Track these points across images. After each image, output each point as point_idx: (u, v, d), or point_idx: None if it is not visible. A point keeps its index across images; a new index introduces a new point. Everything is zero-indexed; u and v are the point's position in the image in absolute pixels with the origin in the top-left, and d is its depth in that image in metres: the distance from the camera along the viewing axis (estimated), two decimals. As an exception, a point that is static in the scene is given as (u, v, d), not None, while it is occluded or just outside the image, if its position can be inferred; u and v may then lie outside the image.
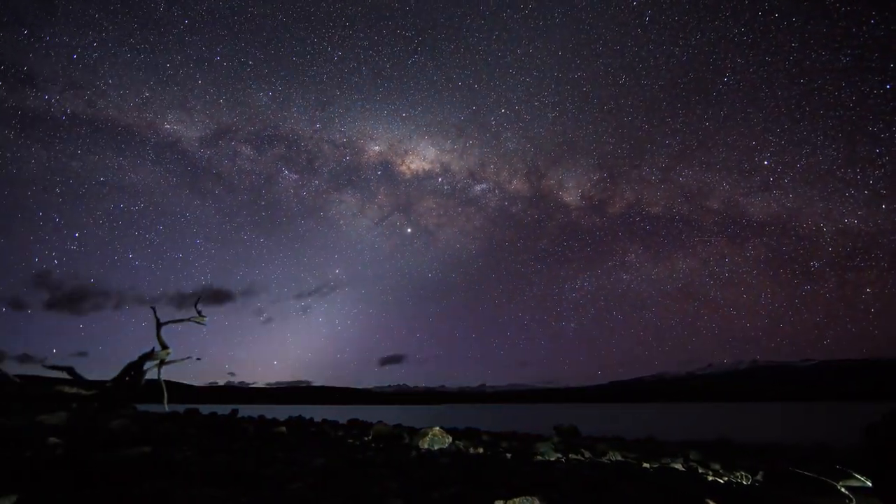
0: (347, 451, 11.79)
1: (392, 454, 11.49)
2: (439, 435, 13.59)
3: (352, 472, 8.11)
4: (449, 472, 8.52)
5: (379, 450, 12.81)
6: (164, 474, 7.07)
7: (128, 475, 6.71)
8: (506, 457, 12.10)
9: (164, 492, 5.27)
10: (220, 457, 9.14)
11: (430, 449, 13.00)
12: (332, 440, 15.42)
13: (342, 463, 8.64)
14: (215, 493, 5.63)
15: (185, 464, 7.86)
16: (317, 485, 6.80)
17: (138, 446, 8.72)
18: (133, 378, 2.98)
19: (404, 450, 12.83)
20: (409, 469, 8.91)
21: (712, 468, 11.59)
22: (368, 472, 8.36)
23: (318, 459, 8.97)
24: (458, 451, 12.84)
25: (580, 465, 11.06)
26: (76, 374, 2.80)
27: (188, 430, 12.99)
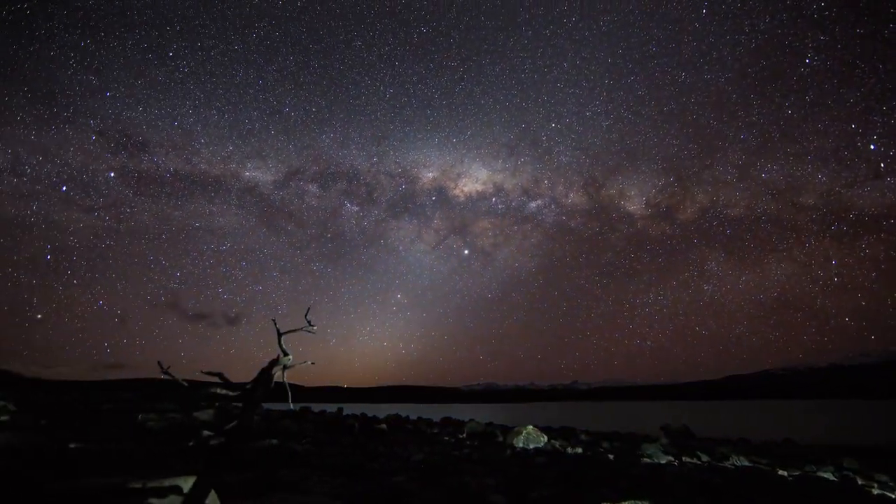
0: (444, 448, 12.20)
1: (486, 451, 11.59)
2: (534, 433, 13.33)
3: (450, 467, 8.36)
4: (546, 472, 8.31)
5: (473, 447, 13.02)
6: (292, 463, 8.07)
7: (266, 463, 7.81)
8: (608, 458, 11.41)
9: (302, 478, 6.02)
10: (332, 449, 10.14)
11: (524, 447, 12.83)
12: (428, 437, 16.08)
13: (440, 458, 8.96)
14: (333, 481, 6.26)
15: (306, 455, 8.87)
16: (418, 478, 7.16)
17: (268, 439, 10.08)
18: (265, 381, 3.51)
19: (498, 447, 12.85)
20: (505, 467, 8.89)
21: (878, 480, 9.51)
22: (465, 467, 8.55)
23: (417, 454, 9.43)
24: (554, 450, 12.47)
25: (696, 469, 9.94)
26: (225, 378, 3.40)
27: (304, 425, 14.64)
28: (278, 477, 6.07)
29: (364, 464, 8.05)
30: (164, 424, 11.58)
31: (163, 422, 11.90)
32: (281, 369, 3.72)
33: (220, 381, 3.41)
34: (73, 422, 10.97)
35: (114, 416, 13.46)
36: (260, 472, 6.73)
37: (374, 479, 6.92)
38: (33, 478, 5.39)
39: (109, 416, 13.17)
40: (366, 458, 8.80)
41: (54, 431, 8.70)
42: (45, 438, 7.11)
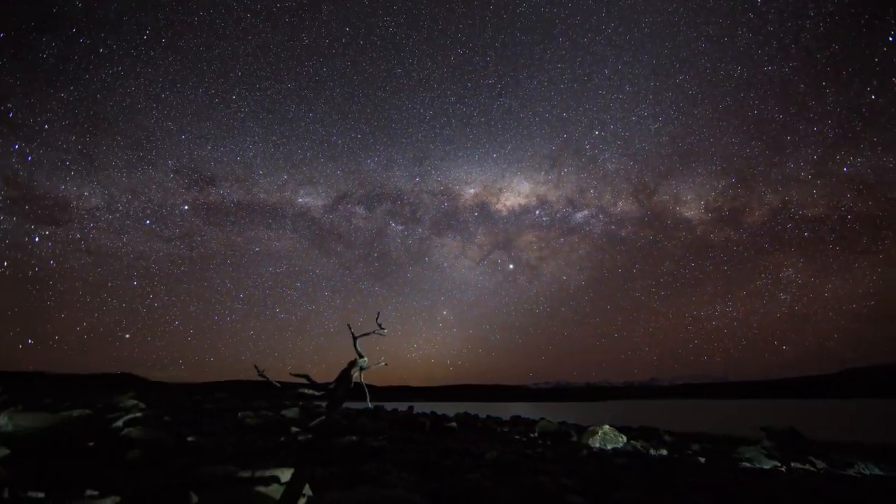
0: (516, 446, 12.07)
1: (560, 451, 11.25)
2: (611, 433, 12.66)
3: (523, 465, 8.26)
4: (627, 473, 7.85)
5: (546, 446, 12.71)
6: (372, 458, 8.54)
7: (348, 458, 8.36)
8: (698, 461, 10.47)
9: (383, 472, 6.37)
10: (406, 446, 10.54)
11: (601, 447, 12.24)
12: (499, 435, 16.02)
13: (513, 457, 8.88)
14: (412, 477, 6.51)
15: (383, 451, 9.33)
16: (492, 476, 7.17)
17: (349, 436, 10.75)
18: (345, 381, 3.82)
19: (573, 447, 12.40)
20: (582, 467, 8.56)
21: None
22: (539, 466, 8.38)
23: (489, 453, 9.44)
24: (635, 451, 11.74)
25: (810, 476, 8.73)
26: (310, 379, 3.77)
27: (379, 423, 15.37)
28: (361, 471, 6.46)
29: (438, 461, 8.26)
30: (259, 421, 12.89)
31: (257, 419, 13.26)
32: (358, 371, 3.97)
33: (307, 381, 3.73)
34: (188, 418, 12.64)
35: (217, 413, 15.27)
36: (344, 467, 7.21)
37: (449, 475, 7.07)
38: (173, 463, 6.33)
39: (213, 414, 14.95)
40: (439, 456, 9.01)
41: (175, 426, 10.10)
42: (170, 432, 8.28)
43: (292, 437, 10.34)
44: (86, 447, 7.36)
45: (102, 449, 7.24)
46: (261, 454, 8.19)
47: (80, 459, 6.38)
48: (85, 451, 7.15)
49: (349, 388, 3.85)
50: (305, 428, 11.73)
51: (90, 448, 7.31)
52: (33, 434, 7.30)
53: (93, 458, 6.62)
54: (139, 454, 6.63)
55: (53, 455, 6.57)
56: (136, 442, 7.23)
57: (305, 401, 20.42)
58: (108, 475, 5.21)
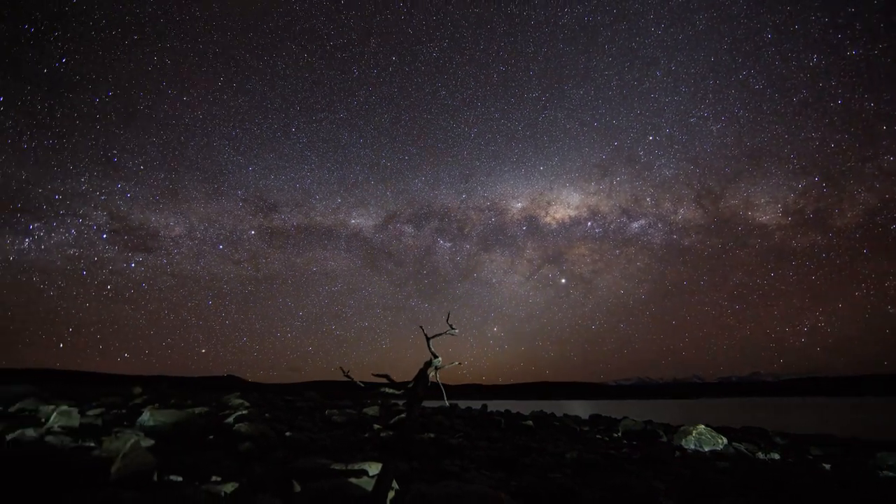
0: (598, 446, 11.51)
1: (648, 452, 10.49)
2: (707, 434, 11.50)
3: (609, 466, 7.85)
4: (730, 479, 7.06)
5: (632, 446, 11.93)
6: (450, 455, 8.72)
7: (428, 454, 8.64)
8: (822, 468, 9.08)
9: (463, 469, 6.50)
10: (482, 444, 10.59)
11: (697, 449, 11.18)
12: (579, 434, 15.39)
13: (596, 457, 8.48)
14: (492, 474, 6.53)
15: (460, 448, 9.48)
16: (576, 475, 6.92)
17: (426, 433, 11.10)
18: (423, 381, 3.99)
19: (663, 448, 11.49)
20: (675, 470, 7.90)
21: None
22: (626, 468, 7.90)
23: (570, 452, 9.12)
24: (739, 454, 10.53)
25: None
26: (391, 379, 4.01)
27: (454, 421, 15.64)
28: (442, 467, 6.64)
29: (517, 458, 8.18)
30: (344, 418, 13.85)
31: (342, 416, 14.25)
32: (434, 370, 4.10)
33: (387, 381, 3.94)
34: (284, 415, 13.98)
35: (307, 411, 16.67)
36: (425, 462, 7.46)
37: (529, 474, 6.96)
38: (276, 455, 7.09)
39: (304, 411, 16.34)
40: (517, 453, 8.92)
41: (274, 423, 11.24)
42: (271, 428, 9.23)
43: (375, 434, 10.94)
44: (207, 439, 8.51)
45: (220, 441, 8.32)
46: (349, 449, 8.80)
47: (204, 450, 7.39)
48: (206, 442, 8.27)
49: (426, 386, 3.98)
50: (386, 425, 12.34)
51: (210, 440, 8.44)
52: (167, 427, 8.63)
53: (213, 448, 7.63)
54: (249, 446, 7.49)
55: (183, 445, 7.70)
56: (246, 436, 8.18)
57: (384, 399, 21.47)
58: (227, 464, 5.97)
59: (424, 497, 3.43)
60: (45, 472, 4.02)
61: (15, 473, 3.91)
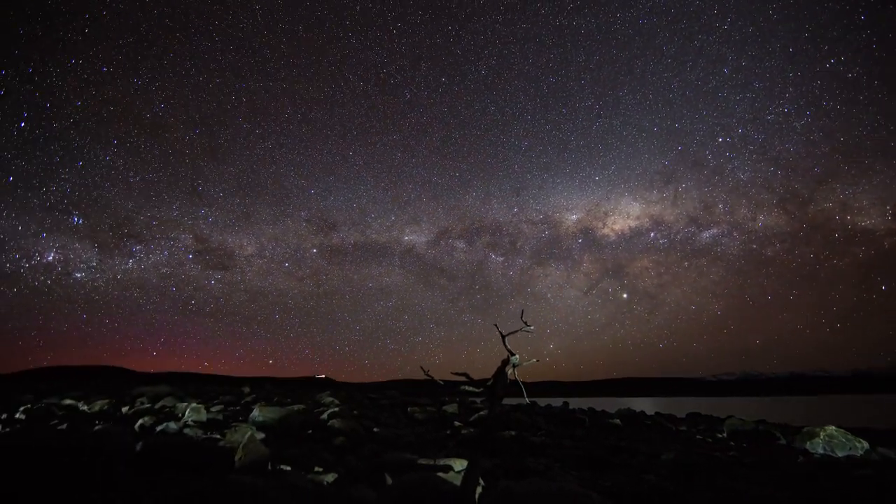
0: (699, 447, 10.45)
1: (763, 455, 9.26)
2: (840, 436, 9.82)
3: (714, 470, 7.10)
4: (876, 490, 5.94)
5: (741, 449, 10.62)
6: (533, 453, 8.59)
7: (510, 451, 8.60)
8: None
9: (547, 467, 6.38)
10: (566, 442, 10.22)
11: (828, 454, 9.60)
12: (674, 434, 14.13)
13: (699, 459, 7.72)
14: (579, 473, 6.30)
15: (543, 446, 9.27)
16: (675, 478, 6.36)
17: (508, 431, 11.04)
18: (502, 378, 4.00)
19: (780, 452, 10.05)
20: (799, 477, 6.87)
21: None
22: (736, 472, 7.07)
23: (666, 453, 8.43)
24: (886, 461, 8.83)
25: None
26: (469, 378, 4.10)
27: (535, 419, 15.33)
28: (525, 465, 6.56)
29: (606, 458, 7.77)
30: (425, 416, 14.34)
31: (423, 413, 14.78)
32: (511, 368, 4.08)
33: (466, 379, 4.01)
34: (369, 412, 14.90)
35: (390, 408, 17.56)
36: (508, 460, 7.43)
37: (620, 474, 6.57)
38: (366, 449, 7.62)
39: (387, 408, 17.23)
40: (606, 453, 8.47)
41: (362, 419, 12.05)
42: (360, 424, 9.91)
43: (456, 431, 11.17)
44: (306, 434, 9.42)
45: (317, 435, 9.14)
46: (432, 445, 9.10)
47: (305, 443, 8.18)
48: (306, 436, 9.15)
49: (506, 384, 3.97)
50: (467, 422, 12.53)
51: (309, 434, 9.32)
52: (273, 423, 9.71)
53: (312, 442, 8.42)
54: (343, 441, 8.13)
55: (287, 438, 8.61)
56: (339, 431, 8.89)
57: (463, 397, 21.81)
58: (325, 456, 6.55)
59: (512, 494, 3.42)
60: (188, 457, 4.78)
61: (169, 457, 4.72)
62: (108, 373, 50.47)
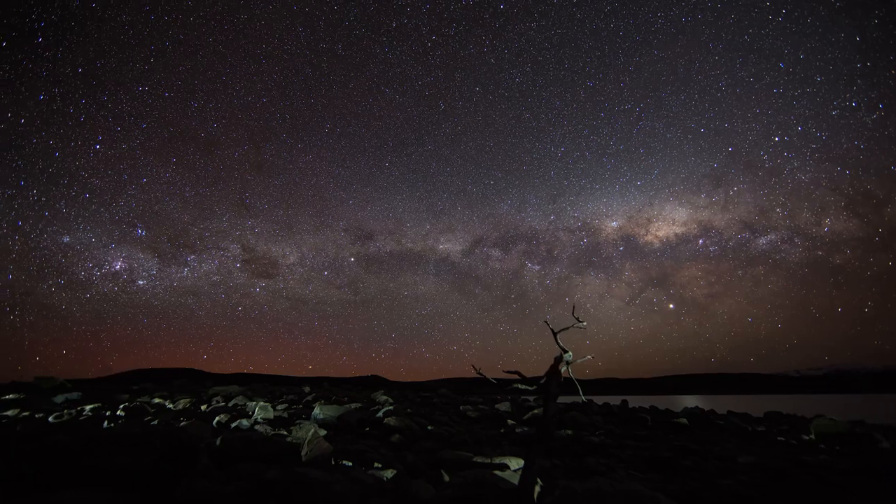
0: (781, 450, 9.47)
1: (862, 461, 8.20)
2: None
3: (800, 475, 6.40)
4: None
5: (836, 453, 9.48)
6: (593, 453, 8.27)
7: (569, 451, 8.35)
8: None
9: (609, 468, 6.13)
10: (628, 442, 9.72)
11: (945, 460, 8.29)
12: (752, 435, 12.95)
13: (784, 464, 7.01)
14: (644, 475, 5.96)
15: (604, 446, 8.88)
16: (753, 483, 5.82)
17: (563, 430, 10.73)
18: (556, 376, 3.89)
19: (885, 457, 8.84)
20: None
21: None
22: (829, 479, 6.32)
23: (744, 456, 7.74)
24: None
25: None
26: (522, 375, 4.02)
27: (593, 417, 14.75)
28: (585, 465, 6.33)
29: (673, 460, 7.29)
30: (478, 414, 14.33)
31: (476, 412, 14.77)
32: (565, 365, 3.95)
33: (519, 377, 3.95)
34: (423, 410, 15.16)
35: (442, 406, 17.74)
36: (566, 459, 7.22)
37: (690, 477, 6.13)
38: (422, 446, 7.78)
39: (440, 407, 17.42)
40: (674, 454, 7.95)
41: (416, 417, 12.29)
42: (414, 421, 10.11)
43: (510, 429, 11.05)
44: (363, 430, 9.78)
45: (374, 432, 9.46)
46: (486, 443, 9.07)
47: (363, 439, 8.50)
48: (363, 433, 9.50)
49: (560, 382, 3.86)
50: (521, 420, 12.35)
51: (366, 431, 9.68)
52: (333, 420, 10.19)
53: (370, 438, 8.73)
54: (399, 438, 8.34)
55: (347, 435, 8.99)
56: (395, 429, 9.13)
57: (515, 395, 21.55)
58: (383, 452, 6.76)
59: (573, 494, 3.31)
60: (260, 451, 5.16)
61: (243, 451, 5.13)
62: (186, 374, 56.02)
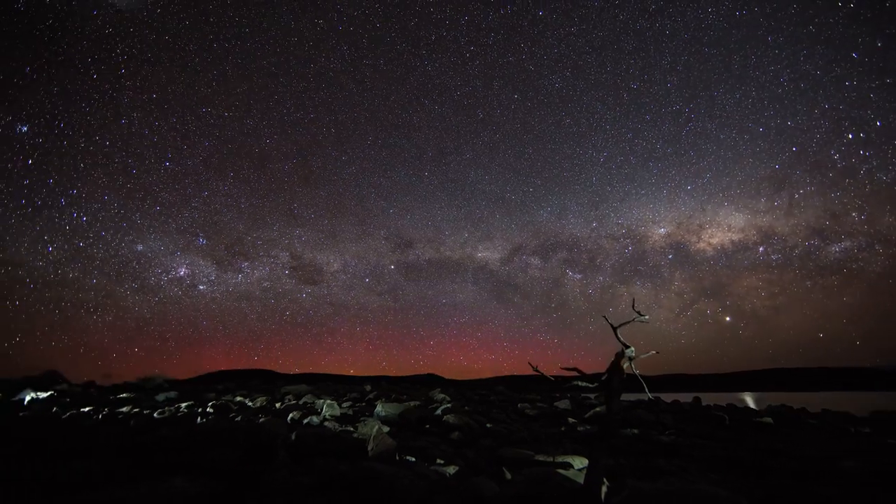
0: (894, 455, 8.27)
1: None
2: None
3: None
4: None
5: (965, 458, 8.08)
6: (662, 453, 7.81)
7: (636, 451, 7.97)
8: None
9: (681, 469, 5.79)
10: (703, 442, 9.03)
11: None
12: (854, 437, 11.44)
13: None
14: (725, 478, 5.53)
15: (673, 447, 8.35)
16: (861, 492, 5.15)
17: (629, 429, 10.24)
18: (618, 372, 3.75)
19: None
20: None
21: None
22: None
23: (846, 460, 6.89)
24: None
25: None
26: (581, 372, 3.93)
27: (661, 416, 13.89)
28: (655, 465, 6.00)
29: (757, 462, 6.67)
30: (537, 412, 14.10)
31: (534, 409, 14.54)
32: (628, 361, 3.79)
33: (578, 374, 3.85)
34: (480, 408, 15.23)
35: (500, 404, 17.66)
36: (633, 459, 6.89)
37: (779, 483, 5.58)
38: (481, 444, 7.85)
39: (497, 404, 17.36)
40: (758, 457, 7.27)
41: (474, 415, 12.38)
42: (472, 419, 10.20)
43: (571, 427, 10.75)
44: (423, 428, 10.05)
45: (434, 430, 9.69)
46: (547, 441, 8.91)
47: (424, 436, 8.74)
48: (424, 430, 9.76)
49: (623, 378, 3.71)
50: (582, 419, 11.98)
51: (426, 429, 9.93)
52: (394, 417, 10.58)
53: (430, 435, 8.96)
54: (458, 435, 8.47)
55: (408, 431, 9.30)
56: (454, 426, 9.28)
57: (575, 393, 20.90)
58: (444, 449, 6.90)
59: (642, 494, 3.17)
60: (330, 446, 5.52)
61: (315, 445, 5.53)
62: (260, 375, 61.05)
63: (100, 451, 5.28)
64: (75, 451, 5.32)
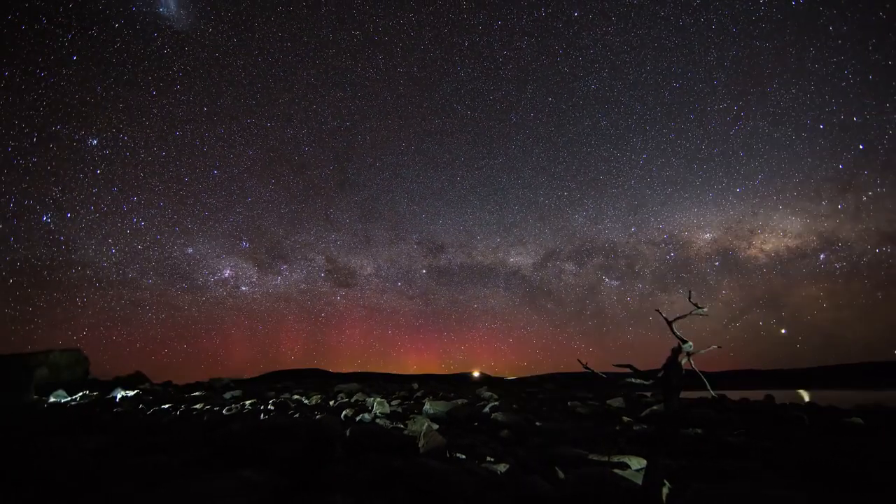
0: None
1: None
2: None
3: None
4: None
5: None
6: (728, 455, 7.27)
7: (699, 452, 7.49)
8: None
9: (754, 472, 5.39)
10: (778, 444, 8.28)
11: None
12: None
13: None
14: (802, 483, 5.05)
15: (742, 448, 7.73)
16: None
17: (690, 428, 9.64)
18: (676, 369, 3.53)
19: None
20: None
21: None
22: None
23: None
24: None
25: None
26: (635, 369, 3.76)
27: (727, 415, 12.91)
28: (721, 467, 5.60)
29: (845, 467, 6.02)
30: (588, 410, 13.65)
31: (585, 408, 14.09)
32: (685, 356, 3.58)
33: (631, 371, 3.69)
34: (529, 406, 15.01)
35: (549, 402, 17.29)
36: (696, 461, 6.47)
37: (872, 490, 4.99)
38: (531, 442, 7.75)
39: (546, 402, 17.01)
40: (845, 461, 6.55)
41: (522, 412, 12.22)
42: (521, 417, 10.09)
43: (626, 426, 10.32)
44: (472, 425, 10.08)
45: (483, 427, 9.69)
46: (601, 440, 8.61)
47: (473, 434, 8.77)
48: (472, 428, 9.79)
49: (681, 375, 3.50)
50: (638, 418, 11.43)
51: (475, 426, 9.96)
52: (443, 415, 10.71)
53: (479, 433, 8.97)
54: (508, 433, 8.42)
55: (456, 429, 9.38)
56: (503, 424, 9.23)
57: (629, 390, 19.99)
58: (494, 447, 6.89)
59: (709, 497, 2.98)
60: (383, 442, 5.71)
61: (368, 442, 5.75)
62: (314, 374, 64.34)
63: (177, 446, 5.87)
64: (157, 445, 5.95)
